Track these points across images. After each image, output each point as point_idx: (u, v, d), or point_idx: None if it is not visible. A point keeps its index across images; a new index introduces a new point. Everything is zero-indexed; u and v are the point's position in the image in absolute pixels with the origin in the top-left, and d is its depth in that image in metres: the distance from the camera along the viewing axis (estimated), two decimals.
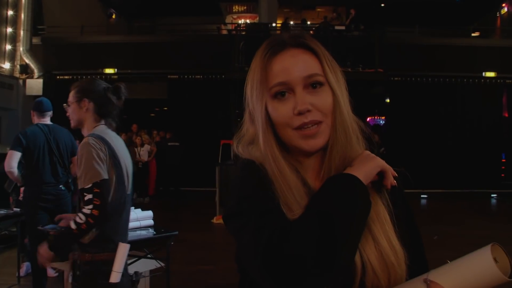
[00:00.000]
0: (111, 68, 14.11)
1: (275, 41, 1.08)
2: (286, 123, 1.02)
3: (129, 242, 3.57)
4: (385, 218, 1.04)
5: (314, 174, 1.09)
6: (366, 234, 1.00)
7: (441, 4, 17.92)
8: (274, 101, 1.03)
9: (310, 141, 1.01)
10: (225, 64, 12.68)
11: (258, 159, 1.05)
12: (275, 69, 1.03)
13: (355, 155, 1.05)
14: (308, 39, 1.07)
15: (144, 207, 4.38)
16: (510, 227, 9.12)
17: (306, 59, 1.04)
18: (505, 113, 14.74)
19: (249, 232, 0.94)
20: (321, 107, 1.01)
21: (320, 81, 1.03)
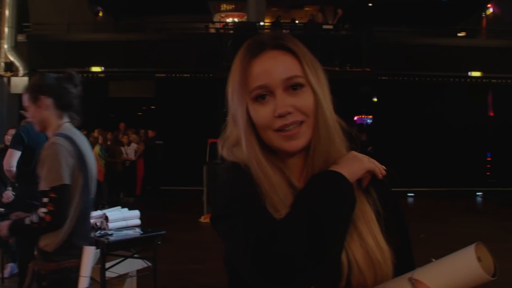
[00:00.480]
0: (98, 67, 14.00)
1: (255, 43, 1.07)
2: (267, 125, 1.01)
3: (116, 241, 3.59)
4: (371, 217, 1.04)
5: (298, 174, 1.09)
6: (352, 232, 1.00)
7: (428, 4, 18.07)
8: (255, 104, 1.03)
9: (291, 142, 1.01)
10: (213, 63, 12.66)
11: (243, 161, 1.05)
12: (255, 72, 1.03)
13: (338, 155, 1.06)
14: (287, 40, 1.07)
15: (131, 206, 4.36)
16: (495, 224, 9.23)
17: (285, 60, 1.04)
18: (491, 112, 14.89)
19: (238, 234, 0.94)
20: (302, 108, 1.01)
21: (300, 82, 1.03)
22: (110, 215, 3.88)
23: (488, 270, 0.91)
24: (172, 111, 13.96)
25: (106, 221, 3.84)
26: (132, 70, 13.96)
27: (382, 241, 1.02)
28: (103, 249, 3.50)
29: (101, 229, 3.84)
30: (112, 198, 10.78)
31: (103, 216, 3.90)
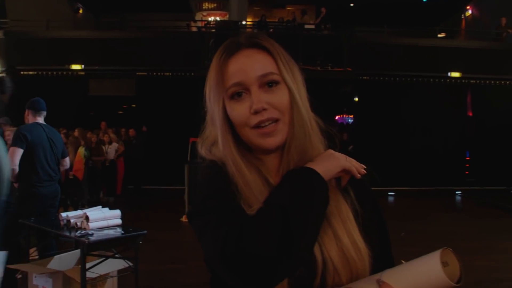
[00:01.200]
0: (78, 64, 13.84)
1: (231, 43, 1.10)
2: (244, 122, 1.03)
3: (96, 241, 3.54)
4: (348, 216, 1.05)
5: (275, 172, 1.10)
6: (327, 231, 1.01)
7: (409, 5, 18.27)
8: (231, 102, 1.05)
9: (268, 139, 1.03)
10: (194, 61, 12.60)
11: (221, 159, 1.07)
12: (231, 70, 1.05)
13: (315, 153, 1.07)
14: (262, 39, 1.09)
15: (111, 206, 4.33)
16: (474, 223, 9.37)
17: (260, 58, 1.06)
18: (470, 112, 15.10)
19: (210, 230, 0.95)
20: (277, 105, 1.03)
21: (275, 79, 1.05)
22: (90, 214, 3.84)
23: (453, 276, 0.92)
24: (153, 110, 13.84)
25: (86, 221, 3.80)
26: (113, 68, 13.82)
27: (359, 240, 1.03)
28: (83, 249, 3.46)
29: (82, 229, 3.79)
30: (93, 198, 10.66)
31: (84, 215, 3.85)
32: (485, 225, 9.03)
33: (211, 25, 15.30)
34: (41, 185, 4.64)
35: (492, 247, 7.17)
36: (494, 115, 14.40)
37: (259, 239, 0.89)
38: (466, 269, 0.85)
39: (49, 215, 4.66)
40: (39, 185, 4.63)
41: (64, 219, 3.99)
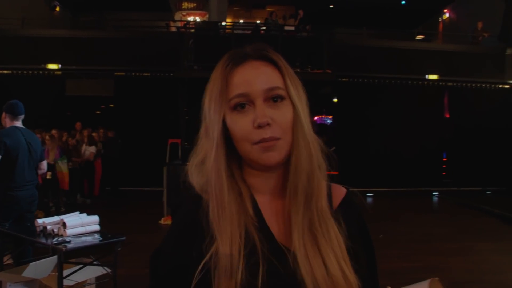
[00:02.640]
0: (55, 64, 13.59)
1: (237, 53, 1.05)
2: (245, 137, 0.98)
3: (74, 249, 3.48)
4: (338, 242, 1.01)
5: (272, 195, 1.06)
6: (317, 260, 0.97)
7: (388, 8, 18.45)
8: (233, 113, 1.00)
9: (269, 153, 0.98)
10: (173, 62, 12.50)
11: (203, 187, 1.02)
12: (236, 81, 1.00)
13: (317, 177, 1.03)
14: (270, 52, 1.05)
15: (89, 208, 4.26)
16: (450, 224, 9.51)
17: (267, 71, 1.02)
18: (447, 114, 15.31)
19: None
20: (281, 121, 0.99)
21: (281, 94, 1.01)
22: (68, 221, 3.77)
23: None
24: (132, 111, 13.70)
25: (63, 228, 3.73)
26: (91, 68, 13.62)
27: (349, 270, 0.99)
28: (61, 257, 3.39)
29: (59, 235, 3.72)
30: (70, 200, 10.51)
31: (61, 222, 3.78)
32: (461, 226, 9.17)
33: (190, 25, 15.20)
34: (18, 189, 4.58)
35: (468, 248, 7.28)
36: (471, 117, 14.64)
37: None
38: (443, 270, 0.84)
39: (26, 220, 4.58)
40: (17, 189, 4.56)
41: (40, 225, 3.90)
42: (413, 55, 14.54)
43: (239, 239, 0.95)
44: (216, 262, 0.93)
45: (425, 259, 6.54)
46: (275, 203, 1.05)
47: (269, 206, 1.04)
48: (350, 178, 12.08)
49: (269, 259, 0.95)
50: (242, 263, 0.93)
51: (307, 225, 0.99)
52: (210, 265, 0.94)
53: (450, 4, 18.97)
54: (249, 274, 0.92)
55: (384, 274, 4.74)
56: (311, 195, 1.01)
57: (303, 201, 1.00)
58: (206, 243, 0.96)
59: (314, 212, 1.00)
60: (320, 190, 1.03)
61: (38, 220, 3.99)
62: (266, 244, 0.96)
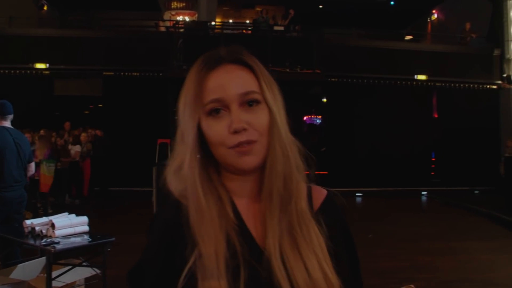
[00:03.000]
0: (43, 63, 13.48)
1: (211, 56, 1.03)
2: (221, 141, 0.97)
3: (63, 250, 3.45)
4: (320, 244, 1.00)
5: (250, 199, 1.04)
6: (298, 263, 0.96)
7: (377, 8, 18.52)
8: (209, 118, 0.98)
9: (245, 157, 0.97)
10: (163, 61, 12.46)
11: (182, 192, 1.01)
12: (210, 85, 0.99)
13: (296, 178, 1.02)
14: (245, 55, 1.04)
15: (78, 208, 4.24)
16: (439, 223, 9.56)
17: (242, 75, 1.00)
18: (435, 114, 15.41)
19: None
20: (257, 125, 0.97)
21: (256, 98, 0.99)
22: (56, 222, 3.74)
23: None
24: (120, 111, 13.62)
25: (52, 229, 3.70)
26: (79, 67, 13.51)
27: (331, 273, 0.98)
28: (49, 258, 3.36)
29: (47, 236, 3.69)
30: (58, 200, 10.43)
31: (49, 223, 3.75)
32: (450, 225, 9.23)
33: (179, 25, 15.16)
34: (6, 190, 4.53)
35: (457, 247, 7.33)
36: (459, 117, 14.76)
37: None
38: (431, 270, 0.84)
39: (14, 221, 4.54)
40: (5, 190, 4.52)
41: (28, 226, 3.87)
42: (402, 56, 14.63)
43: (221, 243, 0.94)
44: (200, 267, 0.92)
45: (413, 259, 6.57)
46: (254, 206, 1.04)
47: (248, 209, 1.03)
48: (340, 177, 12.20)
49: (250, 263, 0.94)
50: (224, 268, 0.92)
51: (285, 228, 0.98)
52: (194, 271, 0.93)
53: (438, 5, 19.10)
54: (231, 279, 0.91)
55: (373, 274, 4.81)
56: (288, 198, 1.00)
57: (279, 205, 0.99)
58: (189, 249, 0.94)
59: (294, 215, 0.99)
60: (299, 192, 1.02)
61: (26, 221, 3.95)
62: (247, 248, 0.95)
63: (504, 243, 7.69)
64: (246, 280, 0.92)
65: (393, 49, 14.73)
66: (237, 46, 1.06)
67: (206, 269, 0.92)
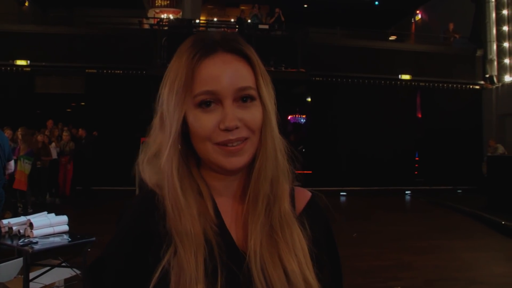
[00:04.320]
0: (23, 60, 13.26)
1: (205, 40, 0.93)
2: (208, 136, 0.89)
3: (41, 250, 3.36)
4: (302, 248, 0.93)
5: (232, 198, 0.98)
6: (277, 269, 0.90)
7: (361, 8, 18.60)
8: (197, 110, 0.89)
9: (232, 158, 0.89)
10: (146, 59, 12.34)
11: (159, 182, 0.93)
12: (204, 75, 0.89)
13: (283, 180, 0.96)
14: (243, 44, 0.94)
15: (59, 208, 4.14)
16: (422, 222, 9.62)
17: (239, 68, 0.91)
18: (419, 114, 15.51)
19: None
20: (250, 123, 0.90)
21: (252, 95, 0.91)
22: (35, 221, 3.63)
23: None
24: (103, 109, 13.45)
25: (30, 228, 3.59)
26: (61, 65, 13.31)
27: (312, 278, 0.92)
28: (27, 259, 3.26)
29: (25, 236, 3.59)
30: (38, 199, 10.26)
31: (27, 222, 3.64)
32: (433, 224, 9.28)
33: (164, 23, 15.02)
34: None
35: (440, 246, 7.36)
36: (442, 117, 14.90)
37: None
38: (415, 268, 0.80)
39: None
40: None
41: (5, 226, 3.76)
42: (386, 55, 14.69)
43: (201, 244, 0.87)
44: (176, 267, 0.85)
45: (397, 257, 6.58)
46: (235, 206, 0.97)
47: (229, 209, 0.96)
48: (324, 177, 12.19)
49: (229, 266, 0.87)
50: (202, 271, 0.85)
51: (267, 232, 0.92)
52: (167, 270, 0.85)
53: (422, 6, 19.24)
54: (209, 282, 0.84)
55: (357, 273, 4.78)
56: (273, 201, 0.94)
57: (264, 209, 0.93)
58: (164, 247, 0.87)
59: (276, 218, 0.93)
60: (284, 194, 0.96)
61: (3, 220, 3.84)
62: (225, 250, 0.89)
63: (486, 242, 7.75)
64: (224, 284, 0.85)
65: (377, 49, 14.79)
66: (233, 32, 0.98)
67: (183, 271, 0.84)
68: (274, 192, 0.94)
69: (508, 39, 14.55)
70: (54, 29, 13.99)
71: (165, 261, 0.86)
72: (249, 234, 0.92)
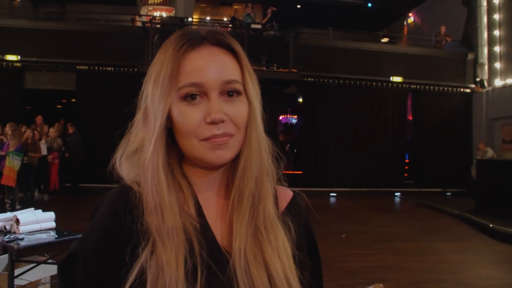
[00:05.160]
0: (14, 55, 13.13)
1: (192, 34, 0.91)
2: (193, 131, 0.86)
3: (27, 247, 3.32)
4: (284, 247, 0.92)
5: (214, 196, 0.96)
6: (262, 274, 0.88)
7: (354, 9, 18.65)
8: (182, 104, 0.87)
9: (218, 152, 0.87)
10: (138, 57, 12.27)
11: (137, 178, 0.90)
12: (189, 67, 0.87)
13: (265, 180, 0.94)
14: (230, 39, 0.93)
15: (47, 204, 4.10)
16: (411, 224, 9.67)
17: (226, 61, 0.90)
18: (409, 116, 15.57)
19: None
20: (235, 118, 0.88)
21: (238, 89, 0.89)
22: (21, 217, 3.59)
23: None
24: (94, 106, 13.36)
25: (16, 224, 3.56)
26: (52, 60, 13.19)
27: (294, 279, 0.91)
28: (12, 255, 3.22)
29: (11, 233, 3.55)
30: (27, 196, 10.19)
31: (14, 218, 3.60)
32: (422, 226, 9.32)
33: (156, 21, 14.95)
34: None
35: (428, 248, 7.40)
36: (433, 119, 14.98)
37: None
38: (403, 270, 0.80)
39: None
40: None
41: None
42: (378, 57, 14.73)
43: (182, 243, 0.85)
44: (154, 267, 0.83)
45: (385, 259, 6.60)
46: (220, 204, 0.95)
47: (212, 207, 0.95)
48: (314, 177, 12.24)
49: (209, 266, 0.86)
50: (183, 271, 0.83)
51: (251, 232, 0.91)
52: (144, 269, 0.83)
53: (415, 8, 19.32)
54: (189, 283, 0.82)
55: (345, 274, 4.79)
56: (258, 200, 0.92)
57: (249, 208, 0.91)
58: (142, 245, 0.85)
59: (261, 218, 0.92)
60: (268, 195, 0.94)
61: None
62: (207, 250, 0.87)
63: (474, 244, 7.80)
64: (203, 284, 0.83)
65: (369, 50, 14.83)
66: (219, 28, 0.96)
67: (162, 271, 0.82)
68: (258, 191, 0.92)
69: (499, 43, 14.64)
70: (46, 25, 13.87)
71: (142, 259, 0.83)
72: (234, 234, 0.90)
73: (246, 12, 15.23)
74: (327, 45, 14.73)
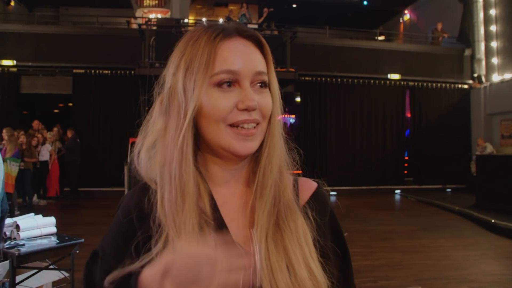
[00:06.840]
0: (10, 60, 13.06)
1: (222, 25, 0.92)
2: (223, 117, 0.86)
3: (28, 253, 3.28)
4: (306, 239, 0.91)
5: (230, 188, 0.95)
6: (281, 262, 0.86)
7: (350, 8, 18.65)
8: (215, 90, 0.87)
9: (246, 143, 0.88)
10: (134, 59, 12.22)
11: (152, 176, 0.90)
12: (225, 54, 0.88)
13: (285, 170, 0.96)
14: (257, 34, 0.94)
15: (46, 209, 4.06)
16: (412, 221, 9.65)
17: (256, 53, 0.92)
18: (408, 113, 15.56)
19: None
20: (263, 108, 0.90)
21: (265, 81, 0.92)
22: (21, 223, 3.56)
23: None
24: (91, 109, 13.31)
25: (17, 230, 3.52)
26: (48, 65, 13.13)
27: (317, 270, 0.89)
28: (13, 262, 3.18)
29: (11, 239, 3.51)
30: (25, 201, 10.13)
31: (14, 224, 3.57)
32: (423, 223, 9.31)
33: (152, 23, 14.91)
34: None
35: (430, 244, 7.38)
36: (431, 116, 14.98)
37: None
38: (406, 267, 0.77)
39: None
40: None
41: None
42: (375, 55, 14.72)
43: (196, 237, 0.82)
44: None
45: (388, 257, 6.59)
46: (237, 198, 0.95)
47: (228, 201, 0.94)
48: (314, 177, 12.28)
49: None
50: None
51: (273, 224, 0.90)
52: None
53: (410, 5, 19.33)
54: None
55: None
56: (279, 190, 0.92)
57: (272, 198, 0.91)
58: (154, 240, 0.84)
59: (282, 209, 0.91)
60: (287, 184, 0.95)
61: None
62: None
63: (476, 240, 7.78)
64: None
65: (366, 48, 14.82)
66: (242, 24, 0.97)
67: None
68: (280, 180, 0.93)
69: (496, 38, 14.65)
70: (41, 29, 13.81)
71: (154, 254, 0.82)
72: (256, 222, 0.90)
73: (241, 12, 15.21)
74: (324, 44, 14.71)
